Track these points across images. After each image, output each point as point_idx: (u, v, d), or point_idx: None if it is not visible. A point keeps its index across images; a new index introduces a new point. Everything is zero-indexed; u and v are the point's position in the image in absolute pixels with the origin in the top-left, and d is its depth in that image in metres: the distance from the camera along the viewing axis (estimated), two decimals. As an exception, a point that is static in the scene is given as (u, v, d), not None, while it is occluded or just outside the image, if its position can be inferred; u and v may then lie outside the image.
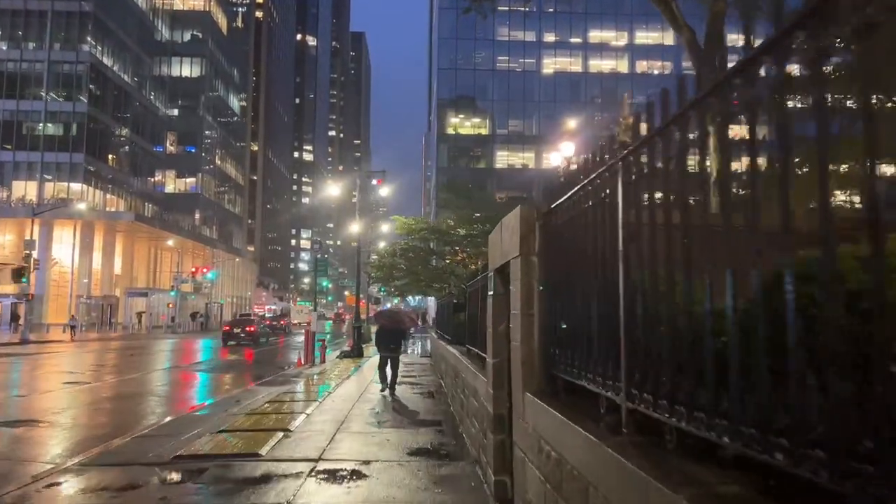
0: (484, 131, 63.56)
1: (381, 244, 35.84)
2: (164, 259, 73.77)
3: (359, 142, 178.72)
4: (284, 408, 11.43)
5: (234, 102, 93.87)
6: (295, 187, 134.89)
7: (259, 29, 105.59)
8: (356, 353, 24.39)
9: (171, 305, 58.41)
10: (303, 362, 21.14)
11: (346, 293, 45.23)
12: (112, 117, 67.40)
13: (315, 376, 17.46)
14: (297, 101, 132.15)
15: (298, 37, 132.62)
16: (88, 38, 64.35)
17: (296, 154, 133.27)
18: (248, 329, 35.09)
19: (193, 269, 62.99)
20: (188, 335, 51.23)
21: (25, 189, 63.04)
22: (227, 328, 35.86)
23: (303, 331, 22.99)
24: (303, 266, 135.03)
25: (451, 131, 63.46)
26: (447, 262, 21.90)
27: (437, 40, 66.85)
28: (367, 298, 43.13)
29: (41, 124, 63.42)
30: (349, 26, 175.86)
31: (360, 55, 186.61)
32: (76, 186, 64.06)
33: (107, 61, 66.66)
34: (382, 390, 13.67)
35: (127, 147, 70.49)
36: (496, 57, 64.43)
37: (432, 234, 22.22)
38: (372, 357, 24.37)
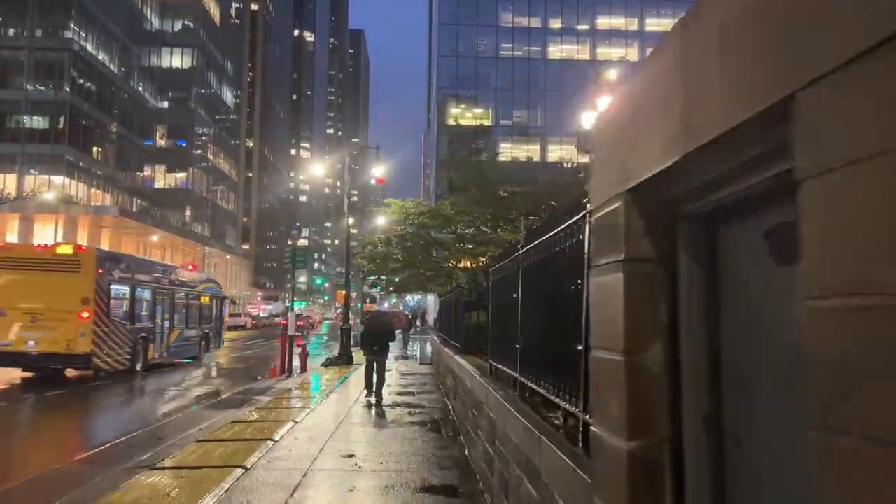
0: (486, 122, 59.68)
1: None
2: (154, 257, 69.83)
3: (357, 140, 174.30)
4: (216, 454, 7.52)
5: (228, 96, 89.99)
6: (292, 185, 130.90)
7: (255, 23, 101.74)
8: (344, 359, 20.48)
9: (155, 305, 54.31)
10: (277, 372, 17.22)
11: (340, 292, 41.36)
12: (97, 108, 63.50)
13: (286, 394, 13.56)
14: (295, 97, 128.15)
15: (296, 33, 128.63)
16: (72, 25, 60.46)
17: (293, 151, 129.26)
18: (297, 324, 46.84)
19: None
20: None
21: (4, 181, 59.00)
22: (284, 322, 47.49)
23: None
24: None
25: (451, 122, 59.50)
26: (451, 251, 18.09)
27: (438, 26, 62.90)
28: (362, 297, 39.15)
29: (21, 114, 59.53)
30: (348, 23, 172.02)
31: (359, 53, 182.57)
32: (58, 179, 60.13)
33: (91, 49, 62.77)
34: (368, 396, 12.04)
35: (113, 139, 66.61)
36: (499, 44, 60.47)
37: (434, 218, 18.40)
38: (364, 365, 20.51)
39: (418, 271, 19.60)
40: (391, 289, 25.05)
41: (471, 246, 17.25)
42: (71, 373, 16.46)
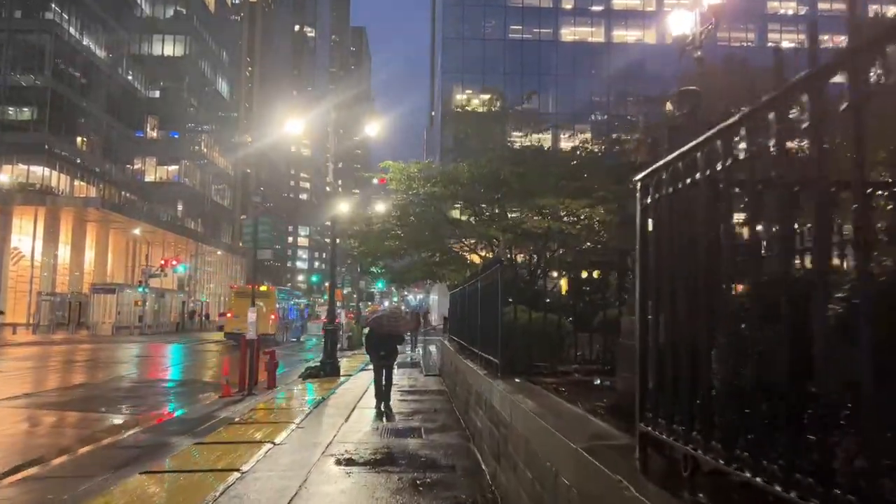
0: (494, 109, 54.31)
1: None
2: (144, 254, 64.89)
3: (358, 139, 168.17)
4: None
5: (224, 88, 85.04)
6: (292, 183, 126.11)
7: (253, 15, 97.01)
8: (328, 369, 15.53)
9: (138, 303, 49.51)
10: (231, 390, 12.24)
11: (338, 291, 36.26)
12: (82, 95, 58.55)
13: (223, 432, 8.59)
14: (295, 93, 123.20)
15: (296, 27, 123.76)
16: (53, 6, 55.62)
17: (292, 148, 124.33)
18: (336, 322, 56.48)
19: (163, 262, 54.16)
20: (156, 338, 42.58)
21: (-21, 172, 54.22)
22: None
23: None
24: (300, 264, 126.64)
25: (456, 109, 54.26)
26: (470, 229, 13.26)
27: (442, 7, 57.89)
28: (359, 294, 34.12)
29: (-3, 101, 54.68)
30: (349, 20, 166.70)
31: (361, 51, 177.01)
32: (37, 170, 55.28)
33: (75, 33, 57.86)
34: (378, 406, 10.16)
35: (100, 129, 61.65)
36: (508, 25, 55.45)
37: (448, 186, 13.48)
38: (354, 377, 15.60)
39: (425, 254, 14.62)
40: (389, 276, 19.75)
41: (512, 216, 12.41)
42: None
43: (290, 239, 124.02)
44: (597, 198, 11.95)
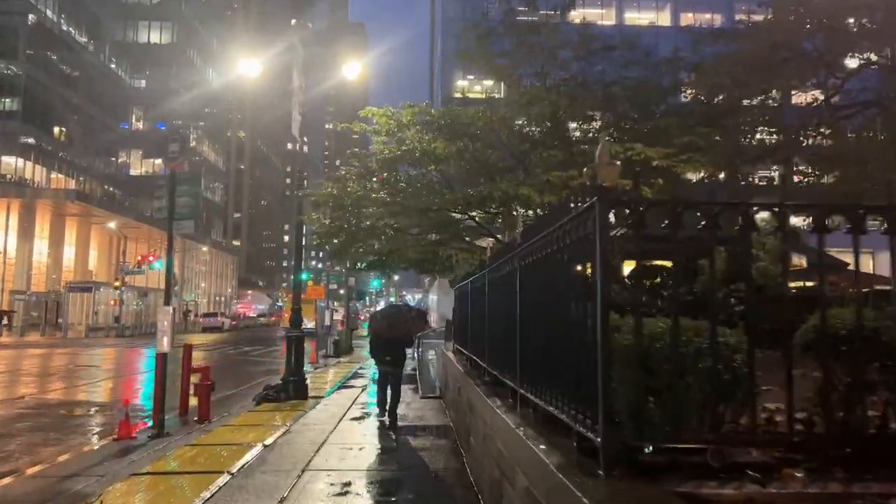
0: (498, 95, 50.23)
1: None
2: (129, 251, 60.70)
3: (357, 137, 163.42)
4: None
5: (215, 79, 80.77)
6: (288, 181, 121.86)
7: (248, 5, 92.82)
8: (293, 390, 11.42)
9: (114, 303, 45.36)
10: (130, 430, 8.12)
11: (322, 286, 31.77)
12: (61, 84, 54.41)
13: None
14: (289, 88, 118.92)
15: (293, 21, 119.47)
16: (29, -13, 51.52)
17: (289, 146, 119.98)
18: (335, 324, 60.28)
19: (140, 258, 50.00)
20: (132, 340, 38.67)
21: (-53, 162, 50.11)
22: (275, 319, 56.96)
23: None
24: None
25: (458, 95, 50.39)
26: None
27: (443, -14, 53.89)
28: (349, 292, 29.96)
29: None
30: (348, 16, 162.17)
31: (360, 47, 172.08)
32: (10, 160, 51.16)
33: (52, 16, 53.72)
34: (381, 415, 8.96)
35: (80, 119, 57.42)
36: (512, 6, 51.43)
37: (455, 139, 9.40)
38: (325, 400, 11.57)
39: (420, 234, 10.49)
40: (373, 258, 14.49)
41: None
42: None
43: (287, 238, 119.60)
44: (679, 145, 7.99)
